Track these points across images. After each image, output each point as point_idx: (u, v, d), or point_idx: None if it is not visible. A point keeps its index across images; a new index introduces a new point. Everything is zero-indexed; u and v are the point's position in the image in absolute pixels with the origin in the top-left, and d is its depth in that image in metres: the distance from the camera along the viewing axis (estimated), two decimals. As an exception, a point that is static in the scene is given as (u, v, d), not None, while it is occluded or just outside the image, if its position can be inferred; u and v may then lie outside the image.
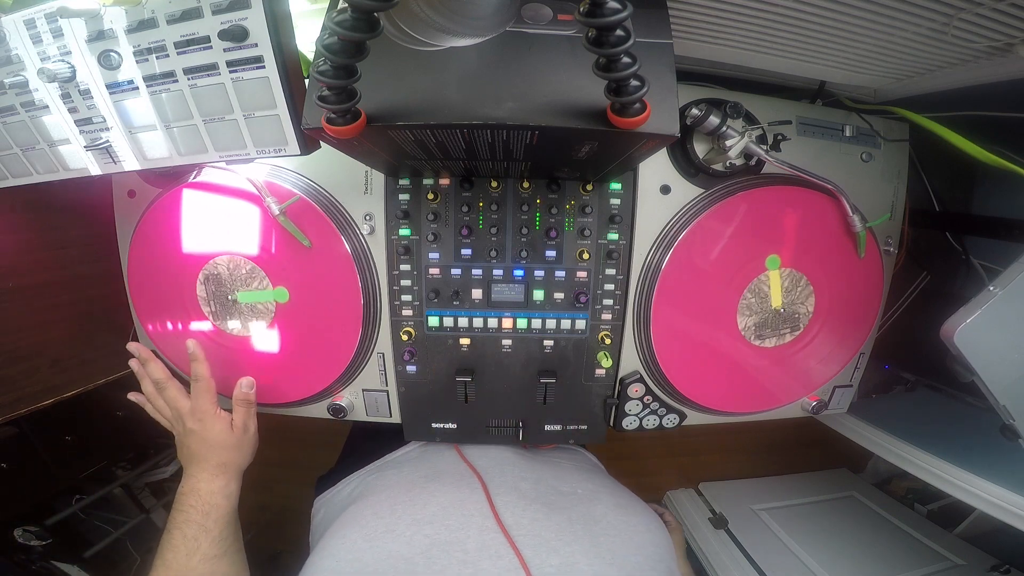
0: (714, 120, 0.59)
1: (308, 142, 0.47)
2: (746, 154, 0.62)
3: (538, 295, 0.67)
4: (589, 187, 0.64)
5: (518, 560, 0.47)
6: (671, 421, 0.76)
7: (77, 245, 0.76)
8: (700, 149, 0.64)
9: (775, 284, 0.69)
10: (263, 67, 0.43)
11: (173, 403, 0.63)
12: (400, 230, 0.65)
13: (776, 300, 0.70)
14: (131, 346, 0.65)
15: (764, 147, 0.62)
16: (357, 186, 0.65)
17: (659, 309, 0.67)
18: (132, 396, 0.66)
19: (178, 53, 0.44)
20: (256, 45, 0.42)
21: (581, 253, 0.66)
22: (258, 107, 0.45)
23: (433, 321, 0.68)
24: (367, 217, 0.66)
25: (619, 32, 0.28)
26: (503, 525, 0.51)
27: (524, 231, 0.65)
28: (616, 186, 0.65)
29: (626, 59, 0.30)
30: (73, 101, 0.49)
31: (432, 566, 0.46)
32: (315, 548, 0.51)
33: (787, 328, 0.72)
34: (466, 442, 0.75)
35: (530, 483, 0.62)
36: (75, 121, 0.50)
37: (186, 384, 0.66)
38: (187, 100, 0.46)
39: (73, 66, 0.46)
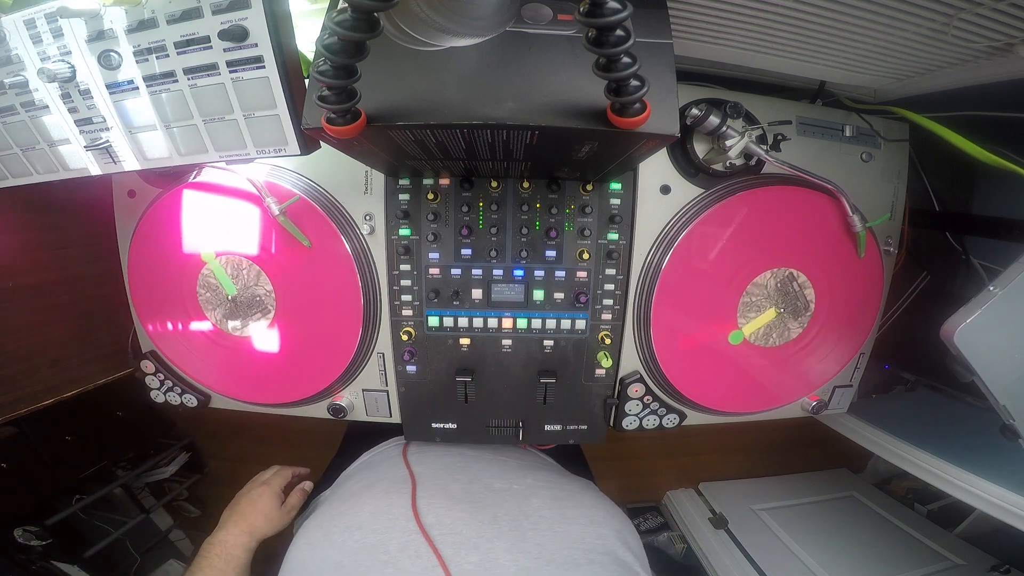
0: (714, 120, 0.59)
1: (308, 142, 0.47)
2: (746, 154, 0.62)
3: (538, 295, 0.67)
4: (589, 187, 0.64)
5: (436, 559, 0.49)
6: (671, 421, 0.76)
7: (77, 245, 0.76)
8: (700, 149, 0.64)
9: (763, 319, 0.71)
10: (263, 67, 0.43)
11: (261, 474, 0.74)
12: (400, 230, 0.65)
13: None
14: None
15: (764, 147, 0.62)
16: (357, 186, 0.65)
17: (659, 309, 0.67)
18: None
19: (178, 53, 0.44)
20: (256, 45, 0.42)
21: (581, 253, 0.66)
22: (258, 107, 0.45)
23: (433, 321, 0.68)
24: (367, 217, 0.66)
25: (619, 32, 0.28)
26: (423, 526, 0.53)
27: (524, 231, 0.65)
28: (616, 186, 0.65)
29: (626, 59, 0.30)
30: (73, 101, 0.49)
31: (359, 567, 0.50)
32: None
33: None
34: (466, 442, 0.75)
35: (461, 484, 0.63)
36: (75, 121, 0.50)
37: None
38: (187, 100, 0.46)
39: (73, 66, 0.46)
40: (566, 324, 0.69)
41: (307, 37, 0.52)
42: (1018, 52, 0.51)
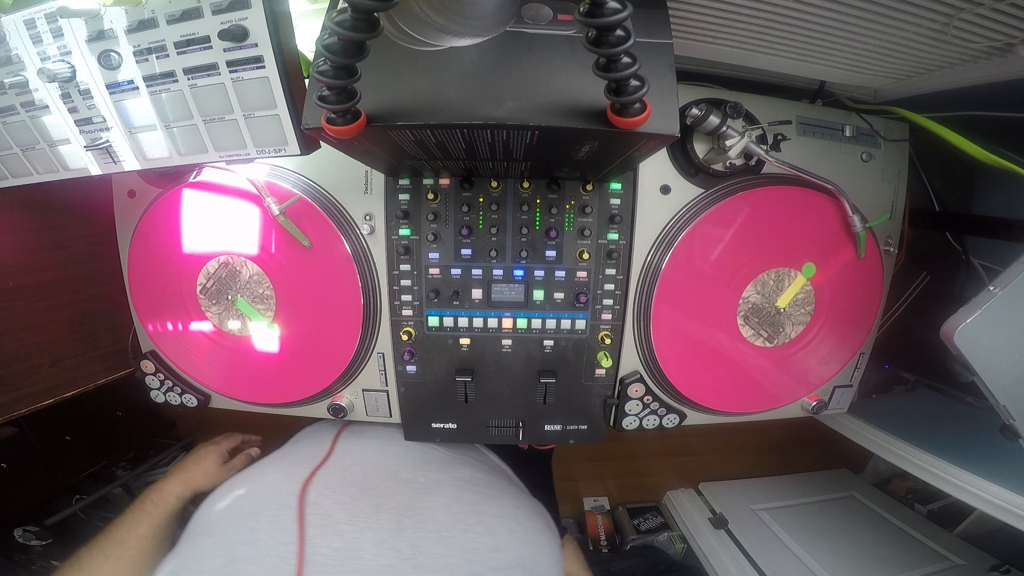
0: (714, 120, 0.59)
1: (308, 142, 0.47)
2: (746, 154, 0.62)
3: (538, 295, 0.67)
4: (589, 187, 0.64)
5: (297, 537, 0.48)
6: (671, 421, 0.76)
7: (77, 245, 0.76)
8: (700, 149, 0.64)
9: (794, 287, 0.70)
10: (263, 67, 0.43)
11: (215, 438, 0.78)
12: (400, 230, 0.65)
13: (784, 300, 0.70)
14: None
15: (764, 147, 0.62)
16: (357, 186, 0.65)
17: (659, 309, 0.67)
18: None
19: (178, 53, 0.44)
20: (256, 45, 0.42)
21: (581, 253, 0.66)
22: (258, 107, 0.45)
23: (433, 321, 0.68)
24: (367, 217, 0.66)
25: (619, 32, 0.28)
26: (303, 503, 0.53)
27: (524, 231, 0.65)
28: (616, 186, 0.65)
29: (626, 59, 0.30)
30: (73, 101, 0.49)
31: (227, 531, 0.51)
32: None
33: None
34: (466, 442, 0.75)
35: (364, 467, 0.63)
36: (75, 121, 0.50)
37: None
38: (187, 100, 0.46)
39: (73, 66, 0.46)
40: (566, 324, 0.69)
41: (307, 37, 0.52)
42: (1018, 52, 0.52)
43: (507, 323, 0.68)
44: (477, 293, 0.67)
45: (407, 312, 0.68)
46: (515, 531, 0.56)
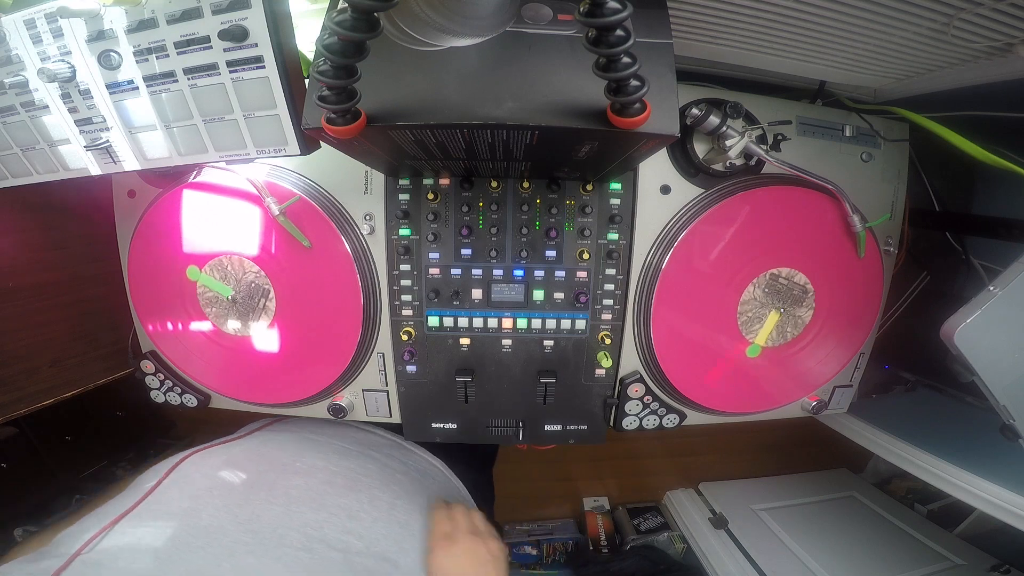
0: (714, 120, 0.59)
1: (308, 142, 0.47)
2: (746, 154, 0.62)
3: (538, 295, 0.67)
4: (589, 187, 0.64)
5: (147, 491, 0.53)
6: (671, 421, 0.76)
7: (77, 245, 0.76)
8: (700, 149, 0.64)
9: (769, 324, 0.70)
10: (263, 67, 0.43)
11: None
12: (400, 230, 0.65)
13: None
14: None
15: (764, 147, 0.62)
16: (357, 186, 0.65)
17: (659, 309, 0.67)
18: None
19: (178, 53, 0.44)
20: (256, 45, 0.42)
21: (581, 253, 0.66)
22: (258, 107, 0.45)
23: (433, 321, 0.68)
24: (367, 217, 0.66)
25: (619, 32, 0.28)
26: (173, 469, 0.57)
27: (524, 231, 0.65)
28: (616, 186, 0.65)
29: (626, 59, 0.30)
30: (73, 101, 0.49)
31: (127, 493, 0.55)
32: None
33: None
34: (466, 442, 0.75)
35: (250, 453, 0.64)
36: (75, 121, 0.50)
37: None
38: (187, 100, 0.46)
39: (73, 66, 0.46)
40: (566, 324, 0.69)
41: (307, 37, 0.52)
42: (1018, 52, 0.52)
43: (507, 323, 0.68)
44: (477, 293, 0.67)
45: (407, 312, 0.68)
46: (379, 520, 0.56)
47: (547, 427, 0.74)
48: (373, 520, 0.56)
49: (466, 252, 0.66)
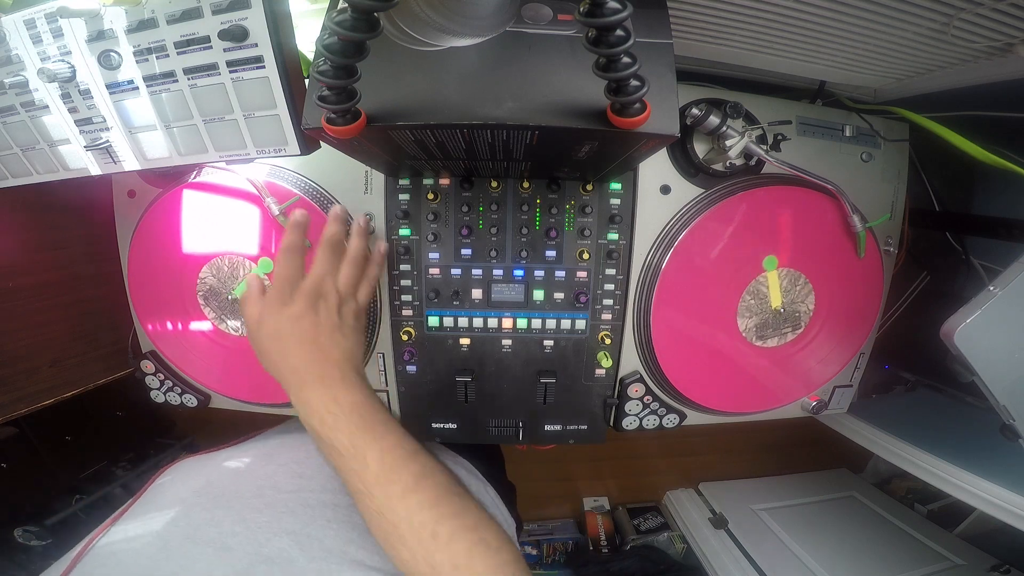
0: (714, 120, 0.59)
1: (308, 142, 0.47)
2: (746, 154, 0.62)
3: (538, 295, 0.67)
4: (589, 187, 0.64)
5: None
6: (671, 421, 0.76)
7: (77, 245, 0.76)
8: (700, 149, 0.64)
9: (774, 284, 0.69)
10: (263, 67, 0.43)
11: (347, 279, 0.54)
12: (400, 230, 0.65)
13: (775, 300, 0.70)
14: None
15: (764, 147, 0.62)
16: (357, 186, 0.65)
17: (659, 309, 0.67)
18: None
19: (178, 53, 0.44)
20: (256, 45, 0.42)
21: (581, 253, 0.66)
22: (258, 107, 0.45)
23: (433, 321, 0.68)
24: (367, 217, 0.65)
25: (619, 32, 0.28)
26: (152, 481, 0.59)
27: (524, 231, 0.65)
28: (616, 186, 0.65)
29: (626, 59, 0.30)
30: (73, 101, 0.49)
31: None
32: None
33: (788, 328, 0.72)
34: (467, 442, 0.75)
35: (254, 451, 0.64)
36: (75, 121, 0.50)
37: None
38: (187, 100, 0.46)
39: (73, 66, 0.46)
40: (566, 324, 0.69)
41: (307, 37, 0.52)
42: (1018, 52, 0.52)
43: (507, 323, 0.68)
44: (477, 293, 0.67)
45: (407, 312, 0.68)
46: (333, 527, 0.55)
47: (547, 427, 0.74)
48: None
49: (466, 252, 0.66)
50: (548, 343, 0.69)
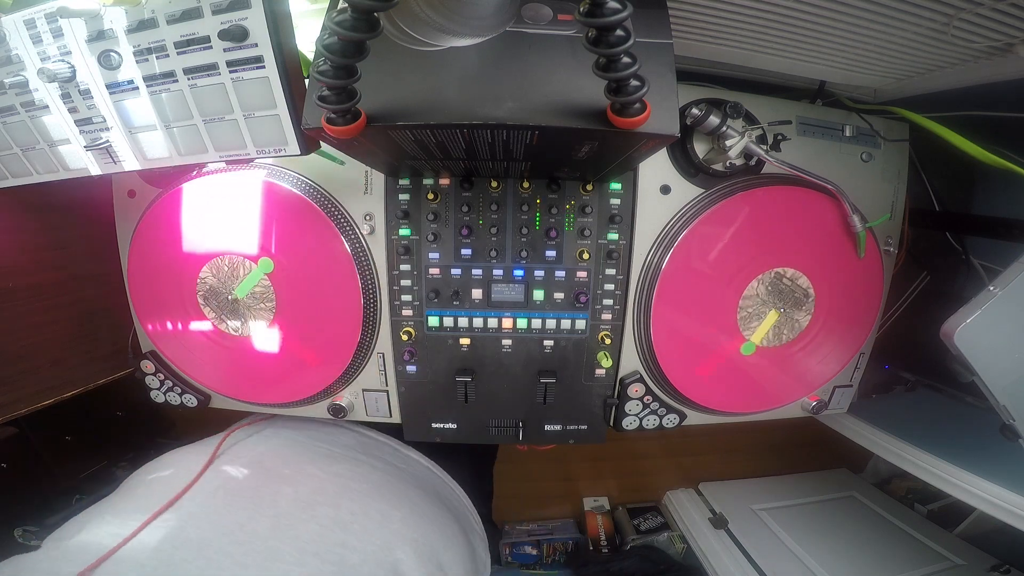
0: (714, 120, 0.59)
1: (308, 142, 0.47)
2: (746, 154, 0.62)
3: (538, 295, 0.67)
4: (589, 187, 0.64)
5: (158, 505, 0.52)
6: (671, 421, 0.76)
7: (77, 245, 0.76)
8: (700, 149, 0.64)
9: (767, 323, 0.70)
10: (263, 67, 0.43)
11: None
12: (400, 230, 0.65)
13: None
14: None
15: (764, 147, 0.62)
16: (357, 186, 0.65)
17: (659, 309, 0.67)
18: None
19: (178, 53, 0.44)
20: (256, 45, 0.42)
21: (581, 253, 0.66)
22: (258, 107, 0.45)
23: (433, 321, 0.68)
24: (367, 217, 0.65)
25: (619, 32, 0.28)
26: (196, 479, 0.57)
27: (524, 231, 0.65)
28: (616, 186, 0.65)
29: (626, 59, 0.30)
30: (73, 101, 0.49)
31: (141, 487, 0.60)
32: None
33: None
34: (467, 442, 0.75)
35: (265, 451, 0.66)
36: (75, 121, 0.50)
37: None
38: (187, 100, 0.46)
39: (73, 66, 0.46)
40: (566, 324, 0.69)
41: (307, 37, 0.52)
42: (1018, 52, 0.52)
43: (507, 323, 0.68)
44: (477, 293, 0.67)
45: (407, 312, 0.68)
46: (371, 531, 0.56)
47: (547, 427, 0.74)
48: (364, 530, 0.55)
49: (466, 252, 0.66)
50: (548, 343, 0.69)
